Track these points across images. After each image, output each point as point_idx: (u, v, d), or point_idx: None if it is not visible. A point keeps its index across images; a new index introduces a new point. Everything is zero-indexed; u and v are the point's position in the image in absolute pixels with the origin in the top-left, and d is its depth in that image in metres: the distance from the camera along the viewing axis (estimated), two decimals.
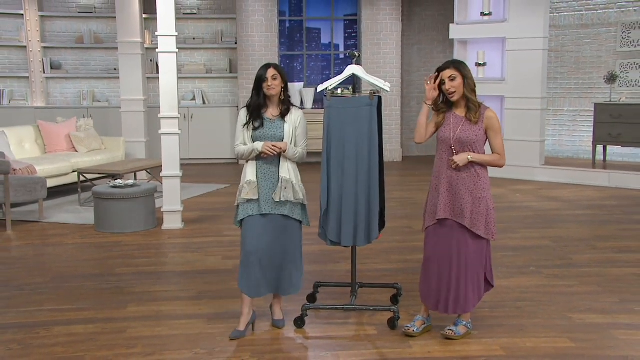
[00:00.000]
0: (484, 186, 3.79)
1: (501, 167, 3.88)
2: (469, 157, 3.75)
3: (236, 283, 4.08)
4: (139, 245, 6.07)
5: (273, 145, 3.82)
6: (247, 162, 3.95)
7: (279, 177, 3.88)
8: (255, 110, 3.89)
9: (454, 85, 3.76)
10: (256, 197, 3.86)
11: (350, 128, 3.99)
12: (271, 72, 3.85)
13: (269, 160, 3.89)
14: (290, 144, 3.89)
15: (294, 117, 3.93)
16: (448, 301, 3.85)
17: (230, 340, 3.85)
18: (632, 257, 5.59)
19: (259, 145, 3.83)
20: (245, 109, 3.93)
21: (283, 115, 3.91)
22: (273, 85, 3.84)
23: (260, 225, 3.88)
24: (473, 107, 3.78)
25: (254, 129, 3.88)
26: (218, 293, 4.70)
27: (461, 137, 3.77)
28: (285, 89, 3.92)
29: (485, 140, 3.85)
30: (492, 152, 3.86)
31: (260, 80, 3.86)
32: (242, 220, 3.92)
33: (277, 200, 3.85)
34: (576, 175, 9.16)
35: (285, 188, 3.86)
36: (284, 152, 3.85)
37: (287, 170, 3.88)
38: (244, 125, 3.90)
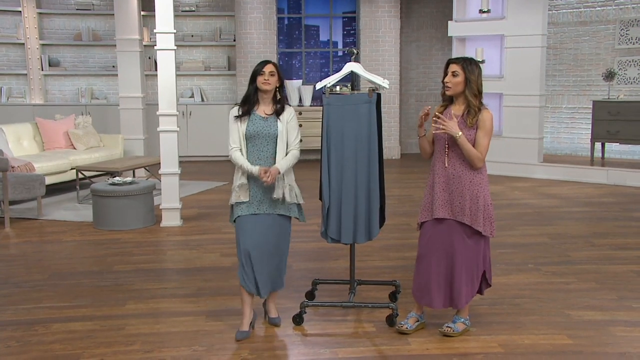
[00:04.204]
0: (481, 182, 3.77)
1: (475, 167, 3.73)
2: (459, 134, 3.69)
3: (234, 280, 4.07)
4: (137, 243, 6.07)
5: (267, 173, 3.72)
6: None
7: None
8: (247, 99, 3.85)
9: (453, 81, 3.74)
10: (247, 200, 3.83)
11: (349, 125, 3.99)
12: (269, 67, 3.83)
13: (262, 162, 3.83)
14: (283, 142, 3.84)
15: (286, 115, 3.88)
16: (442, 295, 3.85)
17: (237, 341, 3.81)
18: (630, 254, 5.59)
19: (255, 170, 3.76)
20: (236, 106, 3.89)
21: (278, 113, 3.87)
22: (270, 81, 3.81)
23: (254, 223, 3.84)
24: (472, 110, 3.73)
25: (247, 124, 3.83)
26: (216, 290, 4.70)
27: None
28: (280, 88, 3.91)
29: None
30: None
31: (256, 73, 3.83)
32: (236, 218, 3.87)
33: (276, 197, 3.81)
34: (574, 173, 9.17)
35: (290, 190, 3.86)
36: (280, 173, 3.79)
37: (285, 174, 3.84)
38: (237, 116, 3.82)
